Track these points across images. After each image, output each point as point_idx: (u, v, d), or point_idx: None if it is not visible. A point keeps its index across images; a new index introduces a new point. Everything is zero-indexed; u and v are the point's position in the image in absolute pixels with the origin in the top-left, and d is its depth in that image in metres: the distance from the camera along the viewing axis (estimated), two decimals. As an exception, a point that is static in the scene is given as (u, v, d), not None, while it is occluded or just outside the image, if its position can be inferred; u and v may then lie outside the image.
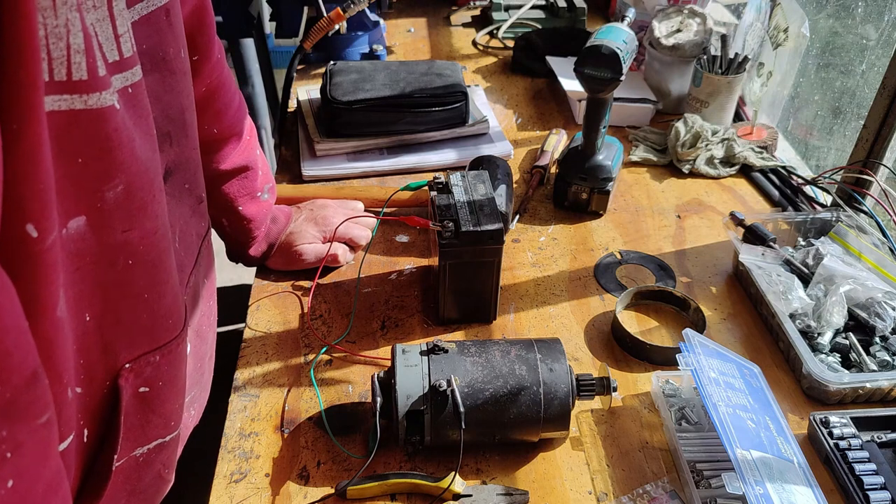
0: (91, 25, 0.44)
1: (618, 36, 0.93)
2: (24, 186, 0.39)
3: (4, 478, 0.39)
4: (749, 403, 0.71)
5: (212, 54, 0.76)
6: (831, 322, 0.82)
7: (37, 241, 0.40)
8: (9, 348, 0.38)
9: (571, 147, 1.06)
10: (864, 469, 0.68)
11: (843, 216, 0.97)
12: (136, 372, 0.55)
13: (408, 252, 0.99)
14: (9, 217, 0.39)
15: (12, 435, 0.39)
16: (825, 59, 1.37)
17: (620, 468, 0.72)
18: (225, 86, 0.81)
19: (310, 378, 0.80)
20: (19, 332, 0.39)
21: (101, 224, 0.48)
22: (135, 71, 0.50)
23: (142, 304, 0.55)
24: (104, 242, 0.49)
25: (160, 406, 0.59)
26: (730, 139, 1.16)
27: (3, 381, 0.38)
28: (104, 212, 0.48)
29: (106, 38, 0.46)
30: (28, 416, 0.41)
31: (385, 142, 1.16)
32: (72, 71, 0.42)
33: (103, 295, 0.51)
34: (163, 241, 0.55)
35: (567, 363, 0.71)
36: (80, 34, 0.42)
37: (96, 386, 0.53)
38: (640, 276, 0.97)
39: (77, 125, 0.44)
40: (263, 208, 0.91)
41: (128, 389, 0.55)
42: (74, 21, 0.42)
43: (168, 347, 0.58)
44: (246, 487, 0.69)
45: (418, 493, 0.69)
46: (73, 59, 0.42)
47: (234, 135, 0.85)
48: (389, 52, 1.53)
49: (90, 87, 0.44)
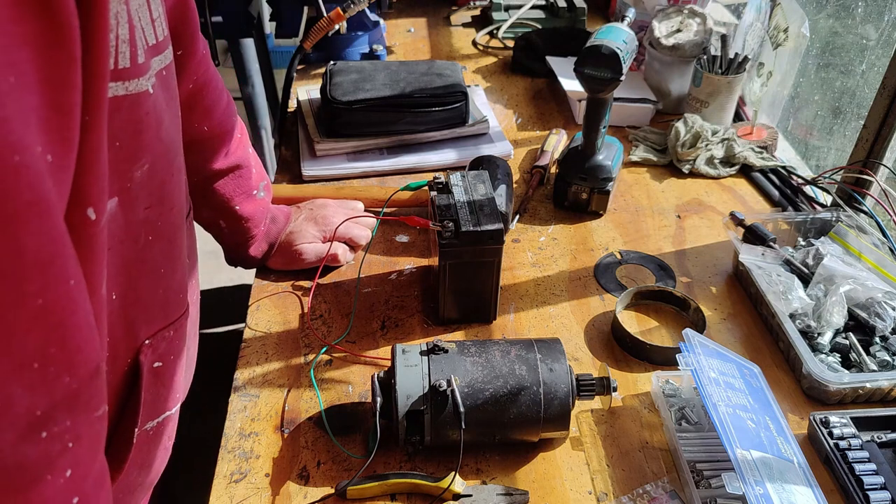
0: (135, 12, 0.46)
1: (618, 36, 0.93)
2: (89, 173, 0.41)
3: (64, 467, 0.40)
4: (749, 403, 0.71)
5: (196, 49, 0.76)
6: (831, 322, 0.82)
7: (94, 223, 0.42)
8: (80, 344, 0.40)
9: (571, 147, 1.06)
10: (864, 469, 0.68)
11: (843, 216, 0.97)
12: (154, 347, 0.57)
13: (408, 252, 0.99)
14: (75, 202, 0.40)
15: (75, 426, 0.40)
16: (825, 59, 1.37)
17: (620, 468, 0.72)
18: (212, 82, 0.81)
19: (310, 378, 0.80)
20: (90, 328, 0.41)
21: (129, 203, 0.50)
22: (167, 54, 0.52)
23: (158, 280, 0.56)
24: (129, 220, 0.51)
25: (170, 380, 0.61)
26: (730, 139, 1.17)
27: (72, 374, 0.39)
28: (132, 191, 0.50)
29: (146, 24, 0.48)
30: (89, 408, 0.42)
31: (385, 142, 1.16)
32: (119, 60, 0.44)
33: (127, 272, 0.52)
34: (178, 217, 0.57)
35: (567, 363, 0.71)
36: (126, 25, 0.44)
37: (119, 363, 0.55)
38: (640, 276, 0.97)
39: (118, 111, 0.46)
40: (260, 206, 0.91)
41: (146, 365, 0.57)
42: (122, 13, 0.44)
43: (179, 322, 0.60)
44: (246, 487, 0.69)
45: (418, 493, 0.69)
46: (120, 49, 0.44)
47: (225, 132, 0.85)
48: (389, 52, 1.53)
49: (131, 74, 0.46)
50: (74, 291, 0.39)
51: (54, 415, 0.39)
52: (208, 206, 0.87)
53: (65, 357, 0.39)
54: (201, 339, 0.75)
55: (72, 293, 0.39)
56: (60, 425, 0.39)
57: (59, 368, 0.38)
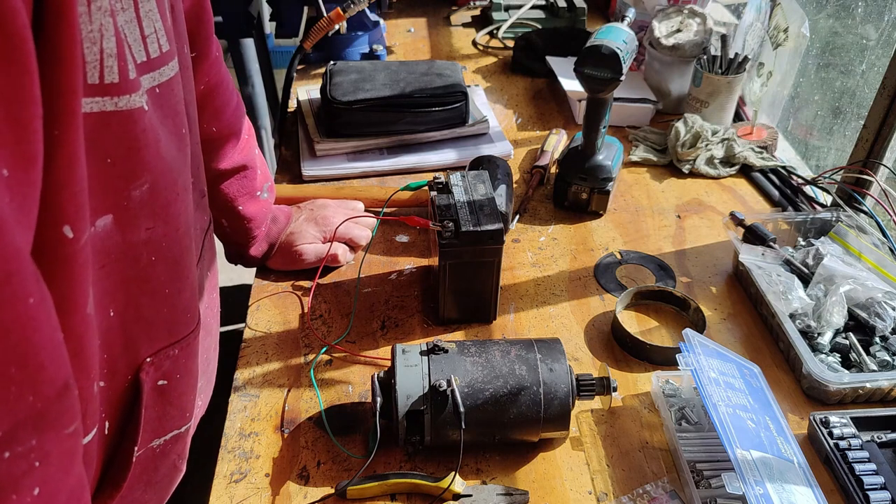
0: (122, 27, 0.46)
1: (618, 36, 0.93)
2: (62, 190, 0.40)
3: (31, 486, 0.39)
4: (749, 403, 0.71)
5: (210, 52, 0.76)
6: (831, 322, 0.82)
7: (72, 241, 0.42)
8: (43, 362, 0.39)
9: (571, 147, 1.06)
10: (864, 469, 0.68)
11: (843, 216, 0.97)
12: (157, 365, 0.57)
13: (408, 252, 0.99)
14: (47, 220, 0.40)
15: (41, 444, 0.40)
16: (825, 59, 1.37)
17: (620, 468, 0.72)
18: (223, 84, 0.81)
19: (310, 378, 0.80)
20: (54, 345, 0.40)
21: (127, 222, 0.49)
22: (163, 71, 0.51)
23: (163, 300, 0.56)
24: (129, 240, 0.50)
25: (177, 398, 0.61)
26: (730, 139, 1.16)
27: (36, 393, 0.39)
28: (130, 210, 0.49)
29: (134, 40, 0.47)
30: (57, 426, 0.41)
31: (385, 142, 1.16)
32: (104, 74, 0.43)
33: (126, 291, 0.52)
34: (185, 238, 0.56)
35: (567, 363, 0.71)
36: (112, 38, 0.43)
37: (119, 379, 0.54)
38: (640, 276, 0.97)
39: (107, 127, 0.45)
40: (263, 208, 0.91)
41: (148, 382, 0.56)
42: (108, 26, 0.43)
43: (186, 341, 0.60)
44: (246, 487, 0.69)
45: (418, 493, 0.69)
46: (106, 63, 0.43)
47: (233, 133, 0.85)
48: (389, 52, 1.53)
49: (121, 90, 0.45)
50: (35, 310, 0.38)
51: (18, 434, 0.38)
52: (212, 206, 0.87)
53: (26, 376, 0.38)
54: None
55: (31, 312, 0.37)
56: (25, 445, 0.38)
57: (22, 388, 0.38)
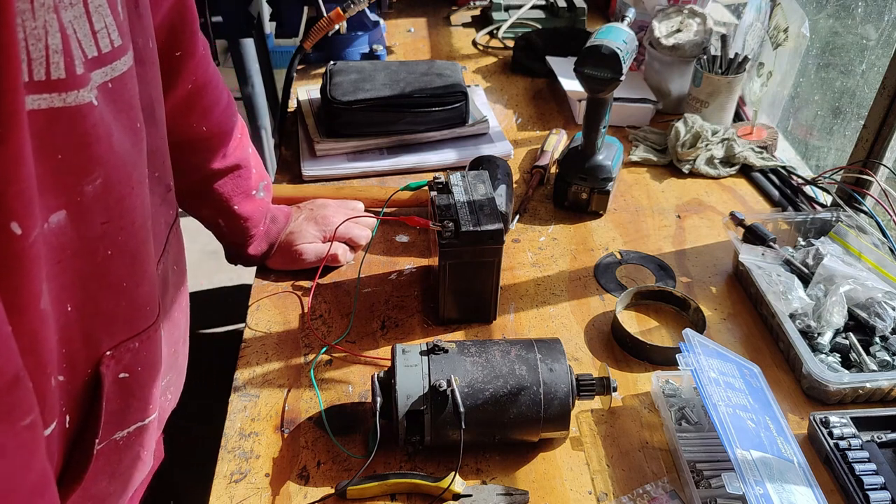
0: (69, 24, 0.45)
1: (618, 36, 0.93)
2: (8, 186, 0.40)
3: None
4: (749, 403, 0.71)
5: (195, 50, 0.75)
6: (831, 322, 0.82)
7: (21, 238, 0.41)
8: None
9: (571, 147, 1.06)
10: (864, 469, 0.68)
11: (843, 216, 0.97)
12: (117, 359, 0.56)
13: (408, 252, 0.99)
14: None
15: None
16: (825, 59, 1.37)
17: (620, 468, 0.72)
18: (212, 83, 0.81)
19: (310, 378, 0.80)
20: (2, 339, 0.40)
21: (81, 217, 0.49)
22: (115, 66, 0.51)
23: (121, 294, 0.55)
24: (84, 235, 0.50)
25: (139, 390, 0.60)
26: (730, 139, 1.16)
27: None
28: (83, 205, 0.49)
29: (84, 35, 0.47)
30: (11, 419, 0.41)
31: (385, 142, 1.16)
32: (50, 70, 0.43)
33: (83, 286, 0.51)
34: (141, 231, 0.56)
35: (567, 363, 0.71)
36: (57, 35, 0.43)
37: (78, 374, 0.54)
38: (640, 276, 0.97)
39: (56, 123, 0.44)
40: (260, 206, 0.91)
41: (108, 376, 0.56)
42: (52, 22, 0.43)
43: (146, 334, 0.59)
44: (246, 487, 0.69)
45: (418, 493, 0.69)
46: (52, 59, 0.43)
47: (225, 133, 0.85)
48: (389, 52, 1.53)
49: (68, 86, 0.45)
50: None
51: None
52: (208, 205, 0.87)
53: None
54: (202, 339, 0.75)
55: None
56: None
57: None
